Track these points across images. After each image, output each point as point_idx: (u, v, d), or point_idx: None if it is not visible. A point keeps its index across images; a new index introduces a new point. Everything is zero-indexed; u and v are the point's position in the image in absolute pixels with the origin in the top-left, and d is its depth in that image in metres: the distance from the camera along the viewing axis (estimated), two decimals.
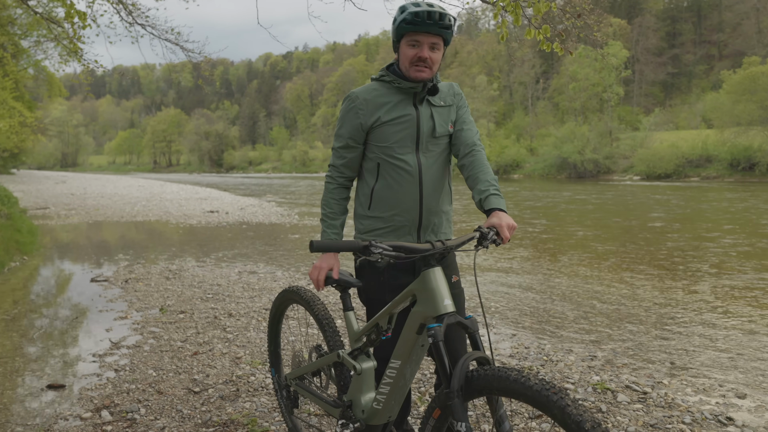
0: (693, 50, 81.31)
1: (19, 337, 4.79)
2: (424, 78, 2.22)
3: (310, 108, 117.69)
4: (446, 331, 1.82)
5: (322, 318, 2.50)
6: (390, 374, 2.01)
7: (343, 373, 2.37)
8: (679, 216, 15.50)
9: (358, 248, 1.81)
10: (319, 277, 2.25)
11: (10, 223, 10.59)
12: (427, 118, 2.27)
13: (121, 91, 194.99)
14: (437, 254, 1.84)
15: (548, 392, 1.47)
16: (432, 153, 2.30)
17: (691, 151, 42.95)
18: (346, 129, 2.32)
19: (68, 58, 9.10)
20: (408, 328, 1.92)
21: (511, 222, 1.94)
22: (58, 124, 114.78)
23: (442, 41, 2.22)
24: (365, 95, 2.28)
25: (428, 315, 1.83)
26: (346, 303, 2.37)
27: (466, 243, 1.89)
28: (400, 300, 2.00)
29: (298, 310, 5.31)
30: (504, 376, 1.57)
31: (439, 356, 1.75)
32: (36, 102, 37.33)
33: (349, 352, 2.29)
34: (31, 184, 34.25)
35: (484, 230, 1.87)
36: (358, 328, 2.30)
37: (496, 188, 2.11)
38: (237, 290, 6.50)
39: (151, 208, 19.15)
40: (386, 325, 2.09)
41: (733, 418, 3.19)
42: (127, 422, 3.11)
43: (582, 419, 1.41)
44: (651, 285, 6.93)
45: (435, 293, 1.82)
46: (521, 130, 69.05)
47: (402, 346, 1.96)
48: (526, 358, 4.22)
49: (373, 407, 2.11)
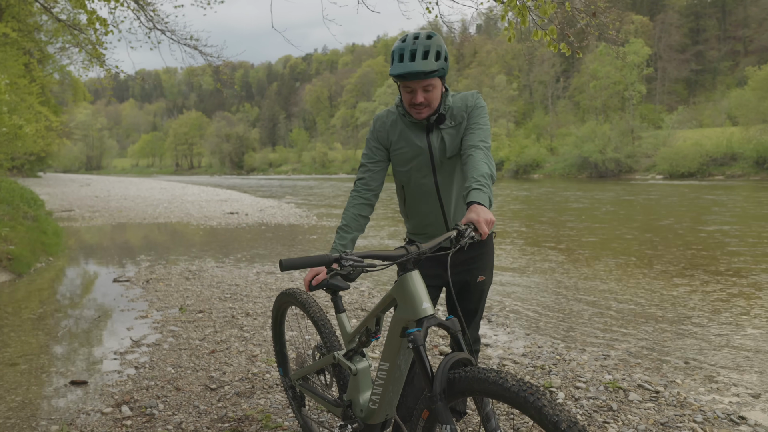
0: (717, 46, 79.85)
1: (45, 335, 4.94)
2: (424, 117, 2.33)
3: (330, 109, 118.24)
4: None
5: (318, 320, 2.56)
6: (381, 376, 2.05)
7: (341, 373, 2.43)
8: (702, 215, 15.27)
9: (329, 262, 1.82)
10: (307, 278, 2.29)
11: (36, 225, 10.87)
12: (438, 142, 2.38)
13: (143, 95, 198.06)
14: (411, 259, 1.84)
15: (525, 393, 1.50)
16: (448, 171, 2.42)
17: (715, 149, 42.24)
18: (367, 147, 2.51)
19: (90, 63, 9.32)
20: (391, 332, 1.96)
21: (489, 216, 1.88)
22: (83, 128, 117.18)
23: (437, 78, 2.25)
24: (384, 118, 2.48)
25: (408, 319, 1.85)
26: (337, 305, 2.43)
27: (441, 243, 1.88)
28: (382, 304, 2.03)
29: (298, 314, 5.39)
30: (483, 377, 1.60)
31: (421, 361, 1.77)
32: (61, 106, 38.15)
33: (344, 353, 2.33)
34: (56, 187, 35.00)
35: (461, 227, 1.82)
36: (350, 329, 2.35)
37: (479, 183, 2.06)
38: (255, 290, 6.61)
39: (172, 209, 19.45)
40: (374, 327, 2.14)
41: (746, 417, 3.18)
42: (146, 417, 3.21)
43: (558, 419, 1.43)
44: (670, 284, 6.87)
45: (413, 297, 1.83)
46: (541, 130, 68.55)
47: (388, 349, 2.00)
48: (539, 357, 4.23)
49: (369, 407, 2.15)
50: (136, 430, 3.05)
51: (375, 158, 2.47)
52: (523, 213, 17.22)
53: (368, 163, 2.47)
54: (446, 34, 25.43)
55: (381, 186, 2.50)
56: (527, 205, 20.56)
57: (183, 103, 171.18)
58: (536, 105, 77.57)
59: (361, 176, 2.48)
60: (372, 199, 2.47)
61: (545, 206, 19.81)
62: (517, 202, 21.65)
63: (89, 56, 8.99)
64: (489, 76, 78.67)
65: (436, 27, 54.68)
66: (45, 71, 26.64)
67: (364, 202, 2.44)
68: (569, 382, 3.70)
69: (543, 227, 13.29)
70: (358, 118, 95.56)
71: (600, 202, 20.84)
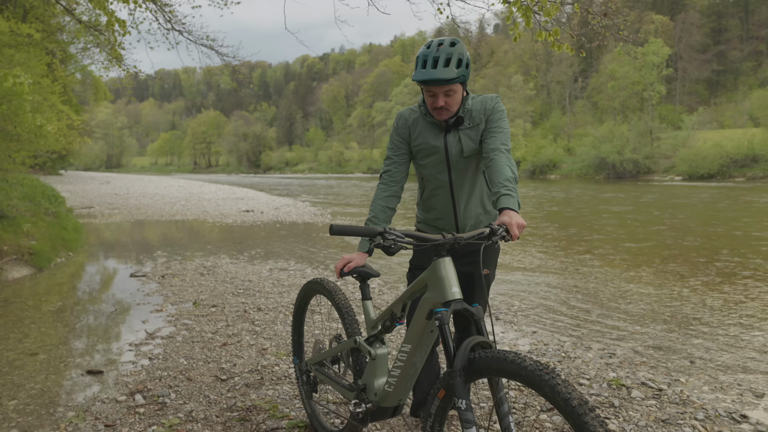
0: (740, 46, 78.55)
1: (63, 327, 5.10)
2: (445, 119, 2.45)
3: (346, 109, 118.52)
4: (458, 320, 1.92)
5: (342, 307, 2.69)
6: (401, 358, 2.17)
7: (359, 359, 2.55)
8: (719, 216, 15.11)
9: (374, 233, 1.98)
10: (338, 266, 2.45)
11: (57, 221, 11.12)
12: (455, 143, 2.49)
13: (163, 94, 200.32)
14: (447, 245, 1.99)
15: (541, 372, 1.59)
16: (463, 169, 2.53)
17: (736, 150, 41.59)
18: (391, 142, 2.64)
19: (110, 63, 9.53)
20: (419, 313, 2.08)
21: (520, 221, 2.04)
22: (104, 127, 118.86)
23: (458, 84, 2.36)
24: (406, 116, 2.60)
25: (437, 301, 1.98)
26: (364, 292, 2.58)
27: (476, 237, 2.01)
28: (414, 288, 2.15)
29: (321, 305, 5.49)
30: (502, 357, 1.70)
31: (445, 339, 1.90)
32: (83, 105, 38.80)
33: (365, 338, 2.45)
34: (77, 185, 35.62)
35: (494, 227, 1.98)
36: (375, 316, 2.47)
37: (507, 188, 2.21)
38: (267, 286, 6.73)
39: (189, 207, 19.72)
40: (400, 313, 2.26)
41: (748, 416, 3.20)
42: (158, 405, 3.32)
43: (570, 396, 1.52)
44: (681, 285, 6.85)
45: (444, 281, 1.96)
46: (558, 130, 68.04)
47: (413, 331, 2.12)
48: (545, 354, 4.28)
49: (384, 390, 2.29)
50: (148, 417, 3.16)
51: (399, 151, 2.60)
52: (537, 213, 17.17)
53: (393, 156, 2.61)
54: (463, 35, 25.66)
55: (406, 178, 2.63)
56: (542, 205, 20.48)
57: (201, 102, 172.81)
58: (554, 105, 77.00)
59: (387, 168, 2.61)
60: (398, 192, 2.60)
61: (560, 206, 19.72)
62: (532, 203, 21.57)
63: (109, 57, 9.20)
64: (506, 76, 78.28)
65: (452, 29, 54.49)
66: (67, 71, 27.15)
67: (391, 194, 2.57)
68: (573, 379, 3.74)
69: (556, 227, 13.26)
70: (375, 117, 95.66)
71: (616, 203, 20.69)
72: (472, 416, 1.77)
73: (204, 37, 8.37)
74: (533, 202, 21.84)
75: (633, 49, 15.36)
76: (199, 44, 8.39)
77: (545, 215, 16.58)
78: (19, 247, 8.01)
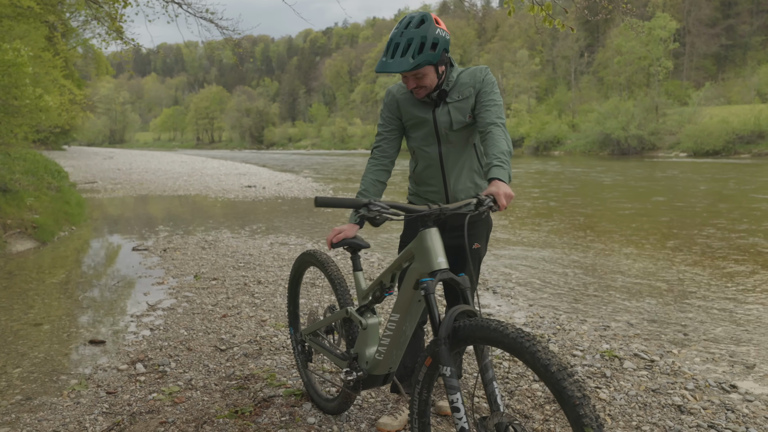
0: (749, 20, 77.15)
1: (67, 298, 5.18)
2: (423, 96, 2.45)
3: (349, 84, 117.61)
4: (449, 293, 1.93)
5: (335, 278, 2.73)
6: (390, 327, 2.22)
7: (351, 329, 2.60)
8: (723, 194, 15.07)
9: (360, 205, 2.00)
10: (329, 237, 2.50)
11: (60, 195, 11.17)
12: (444, 115, 2.49)
13: (165, 69, 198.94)
14: (433, 216, 2.01)
15: (522, 339, 1.62)
16: (453, 142, 2.53)
17: (742, 126, 41.23)
18: (381, 118, 2.66)
19: (109, 36, 9.46)
20: (406, 283, 2.11)
21: (508, 191, 2.04)
22: (106, 102, 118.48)
23: (426, 66, 2.32)
24: (394, 92, 2.61)
25: (423, 271, 2.00)
26: (355, 263, 2.62)
27: (463, 208, 2.03)
28: (402, 259, 2.18)
29: (322, 277, 5.54)
30: (485, 326, 1.73)
31: (431, 308, 1.93)
32: (85, 80, 38.54)
33: (356, 308, 2.50)
34: (80, 160, 35.65)
35: (482, 197, 1.99)
36: (365, 286, 2.50)
37: (500, 160, 2.21)
38: (267, 260, 6.78)
39: (192, 182, 19.76)
40: (389, 283, 2.30)
41: (737, 386, 3.25)
42: (158, 374, 3.39)
43: (549, 363, 1.55)
44: (679, 260, 6.88)
45: (430, 251, 1.98)
46: (563, 106, 67.43)
47: (401, 300, 2.15)
48: (540, 327, 4.33)
49: (375, 358, 2.33)
50: (148, 385, 3.24)
51: (389, 127, 2.62)
52: (538, 189, 17.15)
53: (384, 132, 2.63)
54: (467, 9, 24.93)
55: (397, 153, 2.66)
56: (543, 180, 20.42)
57: (204, 77, 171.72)
58: (559, 80, 76.19)
59: (378, 144, 2.64)
60: (389, 166, 2.63)
61: (562, 183, 19.67)
62: (533, 179, 21.52)
63: (108, 30, 9.12)
64: (511, 51, 77.31)
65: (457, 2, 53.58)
66: (69, 45, 26.92)
67: (382, 168, 2.60)
68: (566, 350, 3.80)
69: (557, 203, 13.26)
70: (378, 93, 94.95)
71: (620, 179, 20.62)
72: (457, 383, 1.81)
73: (204, 10, 8.29)
74: (534, 178, 21.79)
75: (638, 23, 15.09)
76: (198, 17, 8.32)
77: (546, 191, 16.56)
78: (23, 221, 8.08)
